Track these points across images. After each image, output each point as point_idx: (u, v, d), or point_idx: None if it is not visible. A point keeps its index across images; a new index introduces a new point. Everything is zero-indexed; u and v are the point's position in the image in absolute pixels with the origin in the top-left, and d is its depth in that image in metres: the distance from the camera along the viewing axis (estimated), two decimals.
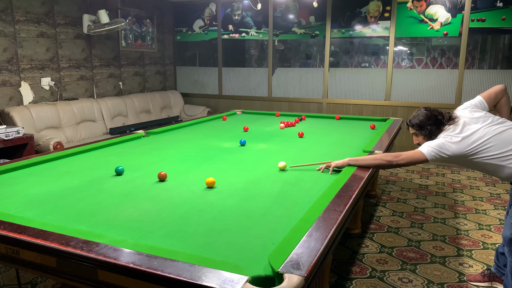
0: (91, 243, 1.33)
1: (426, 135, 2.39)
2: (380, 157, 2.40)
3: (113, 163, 2.59)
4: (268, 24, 6.26)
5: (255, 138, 3.45)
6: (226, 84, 6.77)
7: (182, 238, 1.51)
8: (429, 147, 2.26)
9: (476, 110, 2.37)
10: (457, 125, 2.28)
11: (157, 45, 6.69)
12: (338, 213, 1.66)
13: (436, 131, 2.35)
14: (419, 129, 2.41)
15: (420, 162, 2.29)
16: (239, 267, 1.22)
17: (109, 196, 1.98)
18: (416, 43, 5.70)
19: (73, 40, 5.18)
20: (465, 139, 2.20)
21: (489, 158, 2.18)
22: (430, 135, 2.37)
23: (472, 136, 2.20)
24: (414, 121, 2.43)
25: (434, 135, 2.35)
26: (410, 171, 5.30)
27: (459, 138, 2.21)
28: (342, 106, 5.98)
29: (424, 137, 2.41)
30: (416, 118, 2.42)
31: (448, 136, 2.25)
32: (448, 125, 2.31)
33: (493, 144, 2.17)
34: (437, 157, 2.23)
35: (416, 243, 3.21)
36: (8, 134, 3.94)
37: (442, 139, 2.25)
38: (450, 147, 2.20)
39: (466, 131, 2.23)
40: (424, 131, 2.39)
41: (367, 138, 3.41)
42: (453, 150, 2.20)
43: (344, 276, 2.71)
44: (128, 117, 5.77)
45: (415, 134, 2.47)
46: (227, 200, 1.94)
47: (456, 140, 2.21)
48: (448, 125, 2.31)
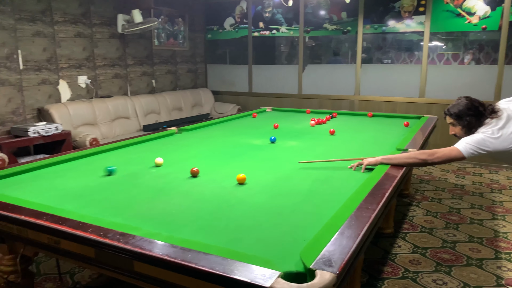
0: (127, 235, 1.37)
1: (464, 126, 2.30)
2: (414, 155, 2.34)
3: (147, 159, 2.65)
4: (299, 20, 6.22)
5: (285, 135, 3.44)
6: (256, 81, 6.78)
7: (214, 232, 1.54)
8: (467, 143, 2.17)
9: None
10: (499, 119, 2.18)
11: (188, 44, 6.78)
12: (370, 211, 1.64)
13: (476, 123, 2.25)
14: (457, 119, 2.31)
15: (457, 160, 2.22)
16: (270, 262, 1.22)
17: (143, 190, 2.04)
18: (452, 38, 5.52)
19: (108, 40, 5.33)
20: (508, 135, 2.10)
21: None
22: (468, 127, 2.27)
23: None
24: (453, 110, 2.33)
25: (473, 127, 2.25)
26: (445, 170, 5.14)
27: (500, 134, 2.12)
28: (375, 103, 5.86)
29: (461, 128, 2.31)
30: (456, 107, 2.33)
31: (488, 130, 2.15)
32: (490, 118, 2.21)
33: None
34: (475, 154, 2.15)
35: (451, 244, 3.12)
36: (47, 130, 4.11)
37: (481, 134, 2.16)
38: (491, 142, 2.11)
39: (510, 126, 2.13)
40: (462, 122, 2.29)
41: (401, 136, 3.33)
42: (495, 146, 2.11)
43: (375, 276, 2.67)
44: (161, 114, 5.88)
45: (452, 124, 2.37)
46: (257, 196, 1.95)
47: (498, 135, 2.11)
48: (490, 119, 2.21)
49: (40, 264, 2.79)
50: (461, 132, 2.32)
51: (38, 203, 1.73)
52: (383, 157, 2.37)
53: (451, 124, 2.40)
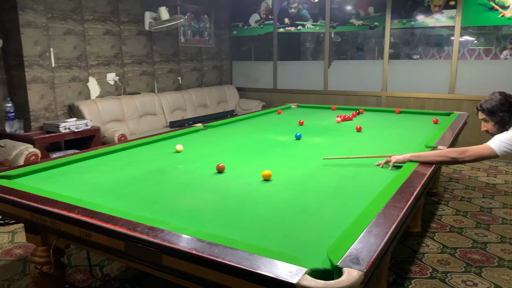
0: (156, 229, 1.39)
1: (497, 123, 2.23)
2: (444, 153, 2.28)
3: (174, 154, 2.69)
4: (324, 16, 6.15)
5: (311, 132, 3.42)
6: (281, 78, 6.75)
7: (240, 228, 1.55)
8: (500, 141, 2.10)
9: None
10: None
11: (214, 40, 6.82)
12: (399, 209, 1.61)
13: (510, 119, 2.18)
14: (490, 115, 2.25)
15: (489, 158, 2.15)
16: (297, 259, 1.22)
17: (170, 185, 2.07)
18: (484, 33, 5.34)
19: (135, 37, 5.42)
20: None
21: None
22: (501, 123, 2.20)
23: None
24: (486, 106, 2.26)
25: (506, 124, 2.18)
26: (476, 168, 4.99)
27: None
28: (402, 100, 5.74)
29: (494, 125, 2.25)
30: (488, 102, 2.26)
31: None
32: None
33: None
34: (509, 152, 2.08)
35: (482, 244, 3.03)
36: (77, 126, 4.23)
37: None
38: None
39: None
40: (495, 118, 2.22)
41: (430, 133, 3.26)
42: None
43: (402, 275, 2.62)
44: (187, 111, 5.95)
45: (484, 120, 2.30)
46: (282, 193, 1.95)
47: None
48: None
49: (71, 256, 2.88)
50: (494, 128, 2.25)
51: (70, 197, 1.79)
52: (411, 155, 2.32)
53: (483, 120, 2.33)
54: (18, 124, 4.15)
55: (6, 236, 3.22)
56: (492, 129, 2.26)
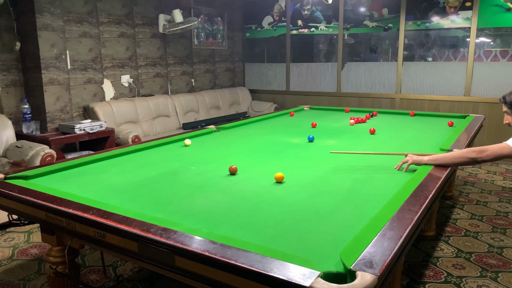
0: (169, 230, 1.40)
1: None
2: (461, 154, 2.24)
3: (187, 156, 2.71)
4: (338, 18, 6.13)
5: (324, 134, 3.41)
6: (294, 79, 6.74)
7: (253, 230, 1.54)
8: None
9: None
10: None
11: (227, 43, 6.85)
12: (413, 213, 1.59)
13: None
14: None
15: (508, 157, 2.10)
16: (310, 262, 1.21)
17: (183, 187, 2.08)
18: (501, 34, 5.25)
19: (149, 40, 5.48)
20: None
21: None
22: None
23: None
24: (509, 98, 2.21)
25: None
26: (492, 172, 4.91)
27: None
28: (417, 102, 5.68)
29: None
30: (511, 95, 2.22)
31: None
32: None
33: None
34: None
35: (498, 249, 2.97)
36: (92, 127, 4.28)
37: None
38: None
39: None
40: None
41: (445, 135, 3.21)
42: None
43: (416, 279, 2.59)
44: (199, 112, 5.98)
45: (507, 113, 2.25)
46: (295, 195, 1.94)
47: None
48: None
49: (85, 256, 2.91)
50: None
51: (84, 197, 1.81)
52: (429, 158, 2.28)
53: (505, 112, 2.27)
54: (35, 125, 4.22)
55: (22, 235, 3.28)
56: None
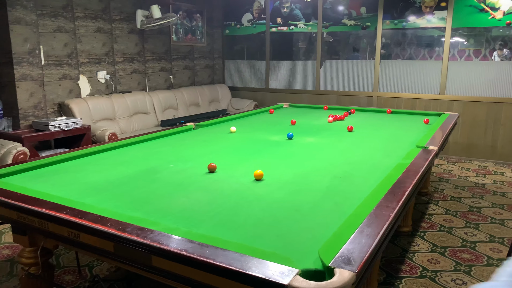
0: (146, 229, 1.38)
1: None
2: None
3: (165, 154, 2.67)
4: (317, 16, 6.16)
5: (303, 131, 3.42)
6: (273, 77, 6.75)
7: (232, 228, 1.54)
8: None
9: None
10: None
11: (206, 39, 6.80)
12: (390, 209, 1.61)
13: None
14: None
15: None
16: (289, 259, 1.21)
17: (162, 185, 2.05)
18: (474, 34, 5.38)
19: (127, 35, 5.38)
20: None
21: None
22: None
23: None
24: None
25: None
26: (465, 168, 5.04)
27: None
28: (394, 100, 5.77)
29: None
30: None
31: None
32: None
33: None
34: None
35: (471, 244, 3.06)
36: (67, 124, 4.18)
37: None
38: None
39: None
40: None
41: (421, 133, 3.27)
42: None
43: (393, 274, 2.63)
44: (178, 109, 5.92)
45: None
46: (275, 192, 1.94)
47: None
48: None
49: (60, 256, 2.84)
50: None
51: (59, 197, 1.76)
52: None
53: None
54: (7, 122, 4.09)
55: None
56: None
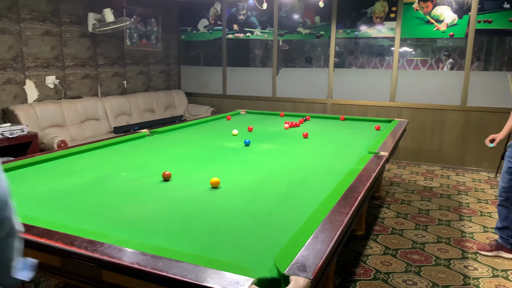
0: (95, 242, 1.32)
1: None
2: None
3: (118, 162, 2.59)
4: (273, 24, 6.24)
5: (260, 138, 3.44)
6: (230, 83, 6.75)
7: (187, 238, 1.51)
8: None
9: None
10: None
11: (161, 44, 6.69)
12: (344, 215, 1.64)
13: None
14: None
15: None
16: (244, 269, 1.20)
17: (113, 195, 1.98)
18: (421, 44, 5.67)
19: (78, 39, 5.18)
20: None
21: None
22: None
23: None
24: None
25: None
26: (415, 172, 5.27)
27: None
28: (347, 107, 5.95)
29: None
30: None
31: None
32: None
33: None
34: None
35: (420, 245, 3.19)
36: (12, 132, 3.95)
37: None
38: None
39: None
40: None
41: (372, 139, 3.39)
42: None
43: (348, 278, 2.69)
44: (132, 116, 5.77)
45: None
46: (232, 200, 1.93)
47: None
48: None
49: None
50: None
51: None
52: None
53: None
54: None
55: None
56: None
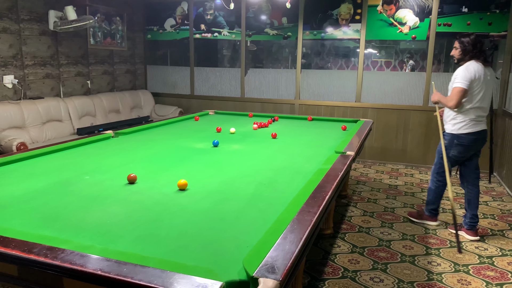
0: (56, 249, 1.26)
1: (462, 50, 3.25)
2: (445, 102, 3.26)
3: (81, 164, 2.50)
4: (240, 24, 6.23)
5: (228, 139, 3.42)
6: (198, 84, 6.69)
7: (154, 242, 1.47)
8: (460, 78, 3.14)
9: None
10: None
11: (127, 44, 6.54)
12: (312, 214, 1.65)
13: (468, 53, 3.22)
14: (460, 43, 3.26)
15: (465, 93, 3.13)
16: (212, 272, 1.18)
17: (76, 199, 1.90)
18: (385, 46, 5.81)
19: (38, 37, 4.98)
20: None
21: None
22: (464, 52, 3.24)
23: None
24: (464, 39, 3.23)
25: (466, 55, 3.23)
26: (380, 171, 5.40)
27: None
28: (314, 107, 6.03)
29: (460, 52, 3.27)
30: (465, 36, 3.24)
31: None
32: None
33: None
34: (467, 83, 3.12)
35: (386, 242, 3.26)
36: None
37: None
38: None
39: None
40: (463, 46, 3.25)
41: (339, 139, 3.44)
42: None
43: (317, 277, 2.71)
44: (97, 117, 5.60)
45: (455, 48, 3.29)
46: (200, 202, 1.90)
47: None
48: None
49: None
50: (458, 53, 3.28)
51: None
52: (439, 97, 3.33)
53: (454, 48, 3.31)
54: None
55: None
56: (457, 54, 3.27)
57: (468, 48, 3.20)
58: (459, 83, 3.13)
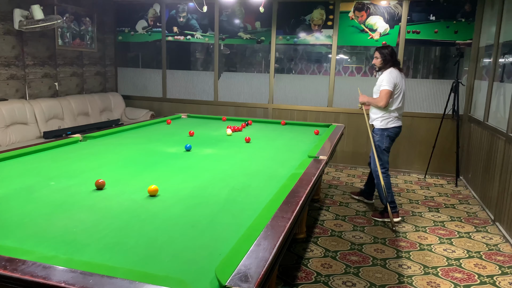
0: (16, 260, 1.19)
1: (383, 60, 3.80)
2: (375, 102, 3.81)
3: (46, 169, 2.40)
4: (214, 27, 6.20)
5: (201, 143, 3.37)
6: (171, 87, 6.60)
7: (122, 251, 1.41)
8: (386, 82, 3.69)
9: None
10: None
11: (97, 45, 6.37)
12: (286, 220, 1.64)
13: (388, 61, 3.78)
14: (381, 54, 3.80)
15: (391, 95, 3.70)
16: (183, 282, 1.15)
17: (40, 206, 1.82)
18: (356, 52, 5.91)
19: (2, 36, 4.78)
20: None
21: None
22: (384, 61, 3.79)
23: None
24: (384, 50, 3.79)
25: (386, 64, 3.78)
26: (351, 175, 5.47)
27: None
28: (287, 112, 6.05)
29: (381, 60, 3.80)
30: (384, 48, 3.80)
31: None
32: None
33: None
34: (392, 86, 3.68)
35: (358, 246, 3.30)
36: None
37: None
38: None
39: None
40: (383, 56, 3.79)
41: (312, 143, 3.46)
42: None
43: (290, 282, 2.70)
44: (65, 120, 5.42)
45: (376, 57, 3.82)
46: (171, 208, 1.85)
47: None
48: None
49: None
50: (379, 62, 3.83)
51: None
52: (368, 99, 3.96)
53: (375, 57, 3.85)
54: None
55: None
56: (378, 63, 3.81)
57: (387, 57, 3.76)
58: (386, 86, 3.69)
